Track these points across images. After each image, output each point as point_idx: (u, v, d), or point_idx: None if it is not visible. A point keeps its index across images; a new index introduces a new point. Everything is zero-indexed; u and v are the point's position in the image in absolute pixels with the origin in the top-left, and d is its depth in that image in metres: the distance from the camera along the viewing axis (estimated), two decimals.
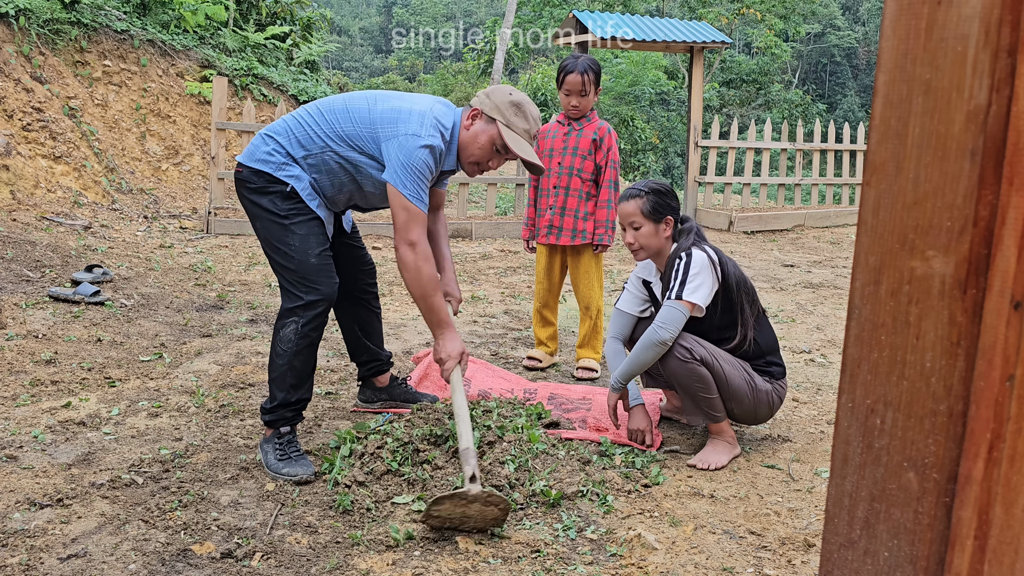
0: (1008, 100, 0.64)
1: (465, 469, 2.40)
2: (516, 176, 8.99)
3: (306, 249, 2.73)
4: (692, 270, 2.85)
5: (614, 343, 3.14)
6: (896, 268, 0.72)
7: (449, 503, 2.27)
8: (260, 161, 2.75)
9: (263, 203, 2.74)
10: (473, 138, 2.79)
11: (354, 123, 2.74)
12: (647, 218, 2.95)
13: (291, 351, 2.75)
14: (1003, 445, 0.65)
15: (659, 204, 2.96)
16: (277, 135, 2.78)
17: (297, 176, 2.75)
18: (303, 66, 11.47)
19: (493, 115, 2.78)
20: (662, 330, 2.82)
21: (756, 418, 3.03)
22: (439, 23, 45.59)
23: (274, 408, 2.80)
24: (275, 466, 2.73)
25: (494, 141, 2.79)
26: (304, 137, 2.76)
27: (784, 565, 2.26)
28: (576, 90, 3.79)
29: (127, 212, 7.50)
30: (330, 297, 2.78)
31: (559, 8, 21.17)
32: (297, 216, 2.74)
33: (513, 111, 2.79)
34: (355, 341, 3.26)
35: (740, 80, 25.62)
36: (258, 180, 2.74)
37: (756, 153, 10.54)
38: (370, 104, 2.77)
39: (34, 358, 3.77)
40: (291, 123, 2.80)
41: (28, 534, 2.28)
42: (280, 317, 2.78)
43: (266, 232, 2.76)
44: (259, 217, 2.76)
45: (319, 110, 2.80)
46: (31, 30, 7.89)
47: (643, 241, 2.97)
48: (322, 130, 2.76)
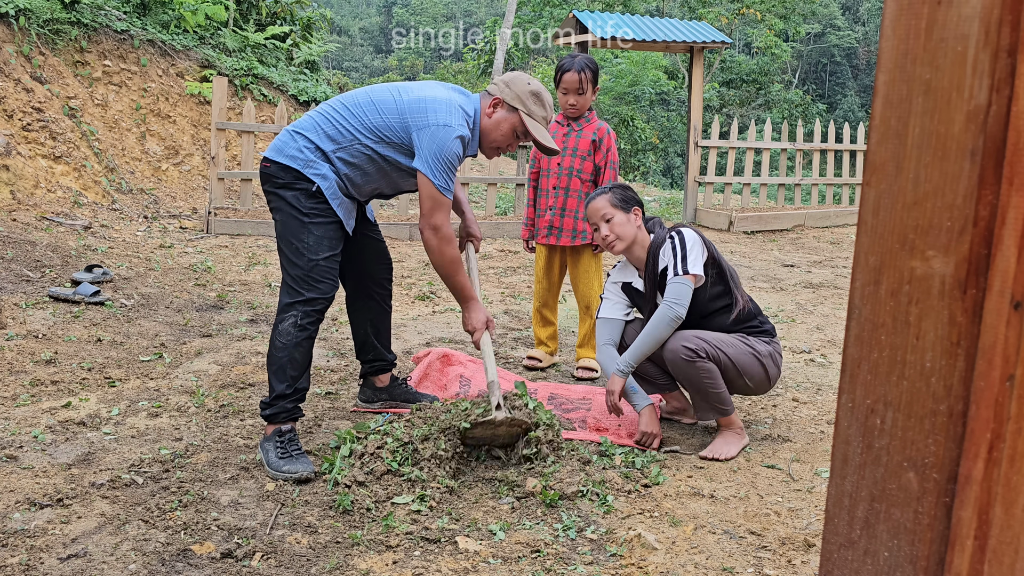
0: (1008, 100, 0.64)
1: (492, 399, 2.77)
2: (516, 176, 9.00)
3: (318, 250, 2.80)
4: (688, 244, 2.95)
5: (608, 349, 3.14)
6: (896, 268, 0.72)
7: (480, 428, 2.72)
8: (289, 157, 2.82)
9: (288, 197, 2.81)
10: (496, 125, 2.94)
11: (382, 114, 2.83)
12: (617, 208, 3.05)
13: (291, 343, 2.80)
14: (1003, 445, 0.65)
15: (625, 196, 3.08)
16: (306, 131, 2.85)
17: (324, 175, 2.81)
18: (303, 66, 11.48)
19: (515, 104, 2.92)
20: (677, 306, 2.90)
21: (769, 381, 3.10)
22: (439, 23, 45.61)
23: (274, 401, 2.82)
24: (276, 464, 2.74)
25: (515, 128, 2.95)
26: (333, 131, 2.84)
27: (784, 565, 2.26)
28: (573, 88, 3.79)
29: (127, 212, 7.50)
30: (328, 298, 2.85)
31: (559, 8, 21.16)
32: (318, 216, 2.81)
33: (533, 100, 2.94)
34: (364, 339, 3.29)
35: (740, 80, 25.62)
36: (285, 176, 2.81)
37: (756, 153, 10.54)
38: (395, 95, 2.87)
39: (34, 358, 3.77)
40: (318, 119, 2.87)
41: (28, 534, 2.28)
42: (279, 312, 2.83)
43: (284, 226, 2.83)
44: (281, 210, 2.83)
45: (344, 105, 2.88)
46: (31, 30, 7.90)
47: (618, 231, 3.03)
48: (350, 123, 2.84)
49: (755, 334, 3.07)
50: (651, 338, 2.93)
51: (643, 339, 2.95)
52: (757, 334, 3.08)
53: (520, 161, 9.03)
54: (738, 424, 3.06)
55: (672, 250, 2.96)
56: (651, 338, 2.93)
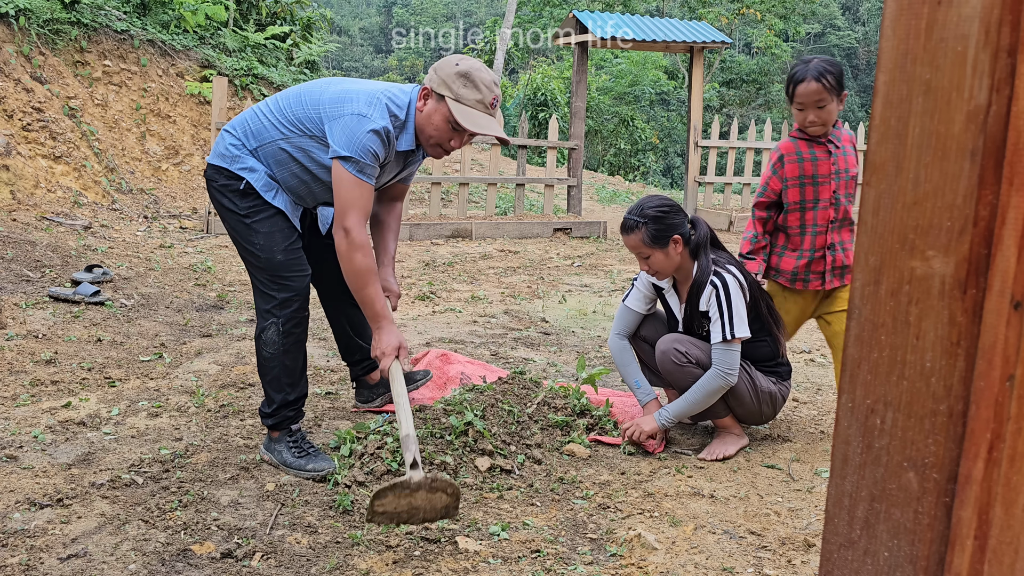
0: (1008, 100, 0.64)
1: (406, 456, 2.28)
2: (516, 176, 8.99)
3: (271, 246, 2.68)
4: (733, 299, 2.85)
5: (619, 340, 3.16)
6: (896, 268, 0.72)
7: (392, 495, 2.16)
8: (219, 156, 2.72)
9: (224, 203, 2.71)
10: (427, 119, 2.64)
11: (304, 106, 2.66)
12: (651, 247, 2.89)
13: (279, 352, 2.73)
14: (1003, 445, 0.65)
15: (658, 231, 2.86)
16: (234, 129, 2.74)
17: (251, 167, 2.69)
18: (303, 66, 11.47)
19: (440, 91, 2.60)
20: (729, 375, 2.85)
21: (760, 417, 3.06)
22: (439, 23, 45.56)
23: (275, 411, 2.79)
24: (296, 464, 2.71)
25: (447, 119, 2.60)
26: (258, 127, 2.70)
27: (784, 565, 2.26)
28: (812, 102, 2.92)
29: (127, 212, 7.50)
30: (302, 291, 2.73)
31: (559, 8, 21.17)
32: (258, 213, 2.69)
33: (461, 82, 2.58)
34: (347, 340, 3.23)
35: (740, 80, 25.62)
36: (219, 177, 2.71)
37: (756, 153, 10.53)
38: (323, 88, 2.69)
39: (34, 358, 3.77)
40: (247, 115, 2.75)
41: (28, 534, 2.28)
42: (258, 318, 2.75)
43: (233, 232, 2.74)
44: (225, 218, 2.74)
45: (275, 99, 2.75)
46: (31, 30, 7.89)
47: (657, 267, 2.93)
48: (275, 117, 2.69)
49: (766, 372, 3.04)
50: (698, 401, 2.90)
51: (691, 400, 2.91)
52: (768, 372, 3.05)
53: (520, 161, 9.02)
54: (736, 426, 3.05)
55: (718, 306, 2.86)
56: (698, 401, 2.90)
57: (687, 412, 2.94)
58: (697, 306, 2.95)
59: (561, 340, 4.62)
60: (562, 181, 9.24)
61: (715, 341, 2.87)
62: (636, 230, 2.87)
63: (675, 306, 3.09)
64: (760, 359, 3.03)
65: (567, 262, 7.26)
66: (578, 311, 5.37)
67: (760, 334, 3.00)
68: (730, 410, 3.01)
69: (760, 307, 2.99)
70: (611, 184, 14.51)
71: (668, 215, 2.88)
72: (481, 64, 2.65)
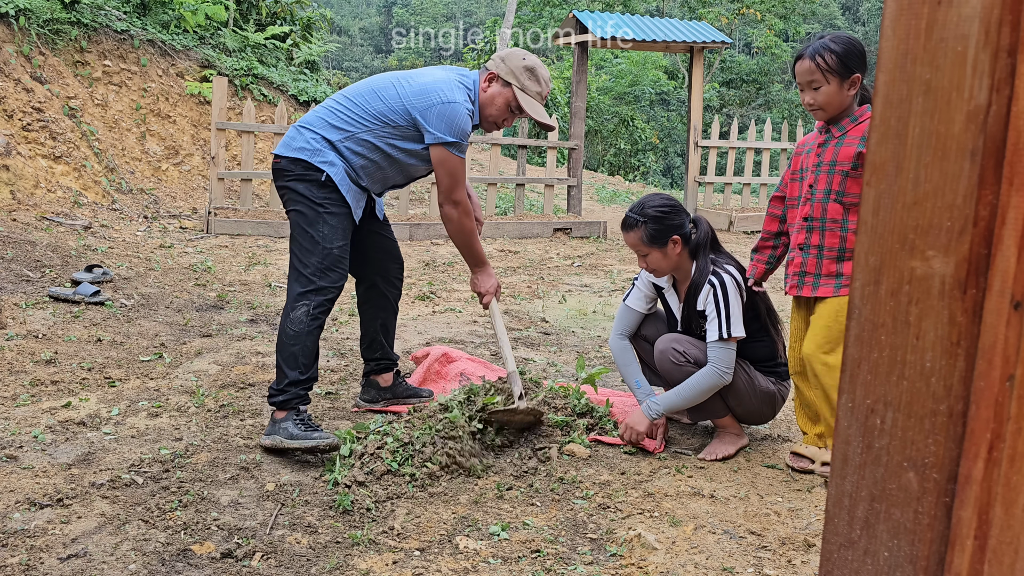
0: (1008, 100, 0.64)
1: (514, 389, 3.00)
2: (516, 176, 8.99)
3: (333, 238, 2.89)
4: (730, 298, 2.86)
5: (620, 339, 3.17)
6: (896, 268, 0.72)
7: (502, 413, 2.91)
8: (298, 150, 2.91)
9: (300, 189, 2.89)
10: (491, 100, 3.01)
11: (383, 100, 2.92)
12: (650, 246, 2.91)
13: (304, 331, 2.87)
14: (1003, 445, 0.65)
15: (657, 230, 2.87)
16: (312, 125, 2.95)
17: (331, 162, 2.89)
18: (303, 66, 11.47)
19: (508, 79, 2.99)
20: (725, 373, 2.85)
21: (760, 417, 3.06)
22: (439, 23, 45.57)
23: (285, 388, 2.87)
24: (301, 435, 2.79)
25: (509, 103, 3.01)
26: (338, 121, 2.93)
27: (784, 565, 2.26)
28: (806, 81, 2.67)
29: (127, 212, 7.50)
30: (339, 288, 2.95)
31: (559, 8, 21.16)
32: (332, 206, 2.89)
33: (527, 75, 3.00)
34: (374, 336, 3.33)
35: (740, 80, 25.61)
36: (295, 168, 2.90)
37: (756, 153, 10.54)
38: (396, 85, 2.96)
39: (34, 358, 3.77)
40: (322, 112, 2.97)
41: (28, 534, 2.28)
42: (291, 301, 2.90)
43: (299, 216, 2.90)
44: (294, 202, 2.91)
45: (347, 96, 3.00)
46: (31, 30, 7.89)
47: (654, 265, 2.97)
48: (354, 112, 2.93)
49: (765, 372, 3.03)
50: (691, 396, 2.89)
51: (684, 393, 2.89)
52: (767, 372, 3.03)
53: (520, 161, 9.02)
54: (735, 425, 3.05)
55: (715, 305, 2.85)
56: (691, 396, 2.89)
57: (678, 405, 2.94)
58: (695, 305, 2.96)
59: (561, 340, 4.62)
60: (562, 181, 9.24)
61: (711, 339, 2.87)
62: (635, 228, 2.91)
63: (674, 305, 3.10)
64: (759, 359, 3.03)
65: (567, 262, 7.26)
66: (578, 311, 5.37)
67: (759, 334, 3.01)
68: (730, 410, 3.01)
69: (759, 307, 3.00)
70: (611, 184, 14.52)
71: (668, 215, 2.90)
72: (542, 63, 3.07)
